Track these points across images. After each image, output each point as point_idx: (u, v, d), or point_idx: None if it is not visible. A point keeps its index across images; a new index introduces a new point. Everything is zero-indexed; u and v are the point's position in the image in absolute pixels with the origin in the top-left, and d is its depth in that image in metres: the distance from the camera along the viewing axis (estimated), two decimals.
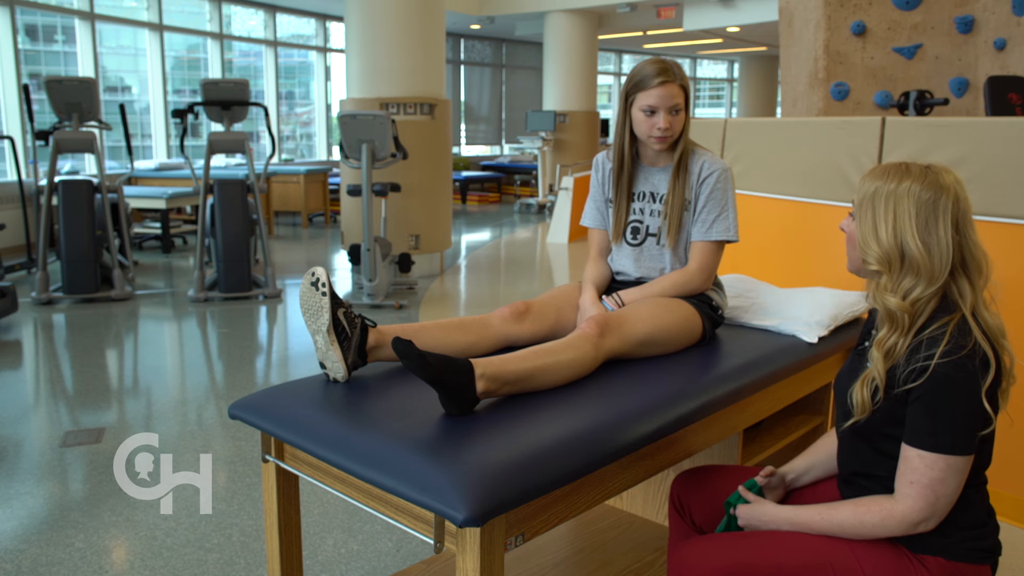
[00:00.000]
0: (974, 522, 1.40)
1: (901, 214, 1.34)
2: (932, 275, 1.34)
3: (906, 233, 1.34)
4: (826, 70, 5.21)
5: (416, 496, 1.28)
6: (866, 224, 1.38)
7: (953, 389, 1.29)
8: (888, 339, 1.36)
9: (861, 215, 1.39)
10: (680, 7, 11.93)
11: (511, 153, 15.64)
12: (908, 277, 1.35)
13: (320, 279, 1.66)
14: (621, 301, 2.06)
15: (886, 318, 1.37)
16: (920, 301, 1.35)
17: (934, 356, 1.30)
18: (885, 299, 1.36)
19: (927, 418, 1.32)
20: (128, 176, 6.90)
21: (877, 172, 1.41)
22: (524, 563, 2.13)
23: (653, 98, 1.99)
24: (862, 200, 1.39)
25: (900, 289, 1.35)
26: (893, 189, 1.35)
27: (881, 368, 1.36)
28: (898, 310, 1.35)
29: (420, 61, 6.62)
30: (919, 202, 1.34)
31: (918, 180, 1.35)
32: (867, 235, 1.38)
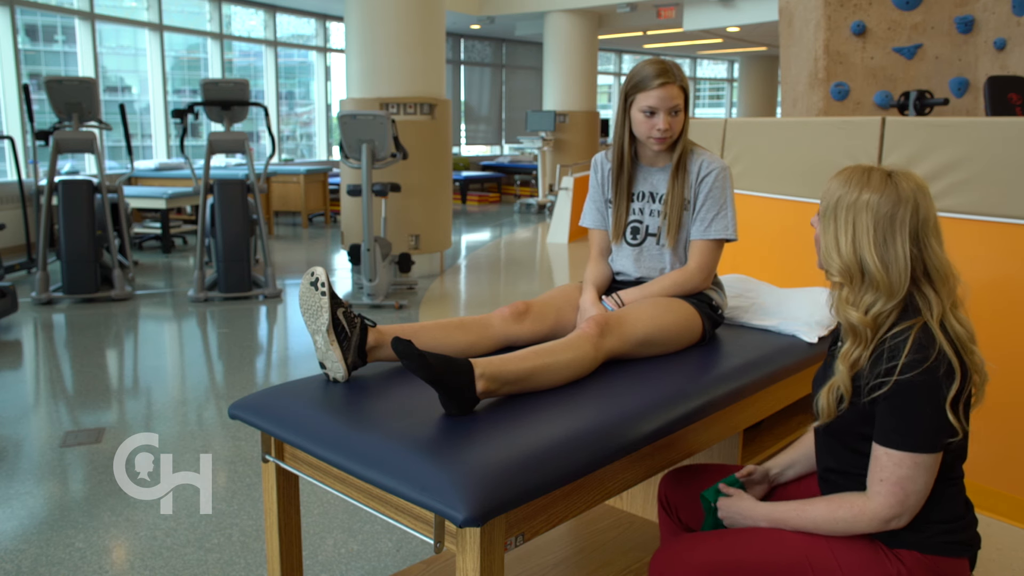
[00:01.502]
0: (949, 516, 1.41)
1: (860, 229, 1.34)
2: (891, 291, 1.35)
3: (864, 249, 1.34)
4: (826, 70, 5.21)
5: (416, 496, 1.28)
6: (828, 234, 1.39)
7: (917, 396, 1.31)
8: (852, 352, 1.37)
9: (824, 223, 1.40)
10: (680, 7, 11.93)
11: (511, 153, 15.65)
12: (869, 293, 1.36)
13: (320, 279, 1.66)
14: (621, 301, 2.06)
15: (849, 331, 1.38)
16: (881, 315, 1.36)
17: (896, 368, 1.31)
18: (847, 312, 1.37)
19: (893, 418, 1.33)
20: (128, 176, 6.90)
21: (841, 178, 1.40)
22: (524, 563, 2.13)
23: (653, 99, 1.99)
24: (826, 208, 1.39)
25: (861, 304, 1.36)
26: (853, 201, 1.35)
27: (846, 380, 1.38)
28: (859, 324, 1.36)
29: (420, 61, 6.62)
30: (877, 216, 1.34)
31: (877, 191, 1.34)
32: (829, 246, 1.38)
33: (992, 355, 2.73)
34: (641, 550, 2.20)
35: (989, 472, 2.68)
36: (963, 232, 2.73)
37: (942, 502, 1.40)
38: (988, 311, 2.68)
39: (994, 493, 2.66)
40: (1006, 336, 2.64)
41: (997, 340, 2.66)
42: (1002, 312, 2.64)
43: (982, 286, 2.68)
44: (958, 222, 2.75)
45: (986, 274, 2.68)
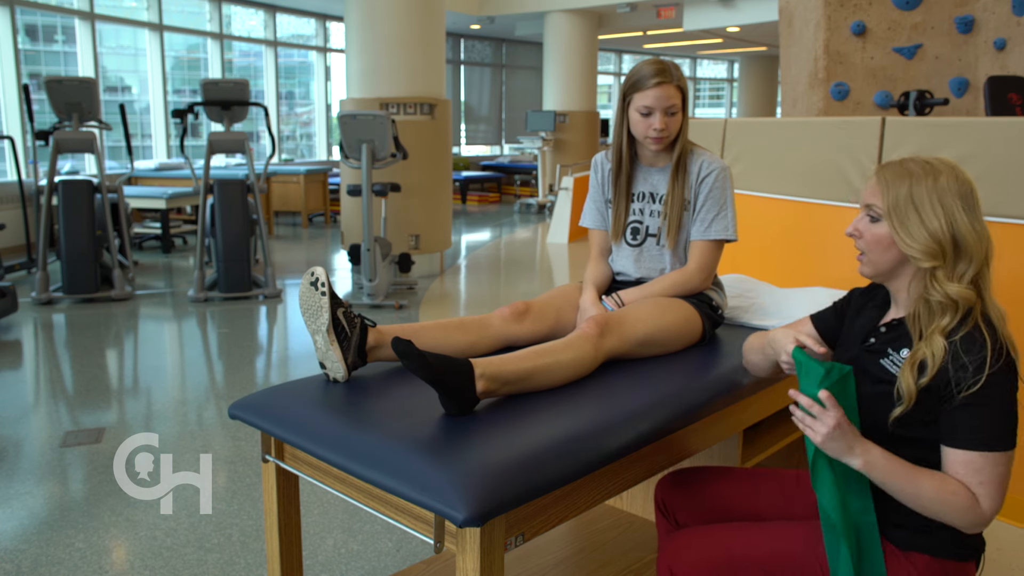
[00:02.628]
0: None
1: (950, 207, 1.36)
2: (985, 256, 1.38)
3: (958, 223, 1.36)
4: (826, 70, 5.21)
5: (416, 496, 1.28)
6: (912, 223, 1.38)
7: (1005, 389, 1.32)
8: (953, 326, 1.36)
9: (900, 217, 1.39)
10: (680, 7, 11.93)
11: (511, 153, 15.65)
12: (962, 262, 1.37)
13: (319, 279, 1.66)
14: (621, 301, 2.06)
15: (947, 308, 1.37)
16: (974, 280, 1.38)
17: (984, 364, 1.31)
18: (947, 288, 1.36)
19: (984, 418, 1.32)
20: (128, 176, 6.90)
21: (896, 174, 1.41)
22: (524, 563, 2.13)
23: (649, 99, 1.99)
24: (896, 204, 1.39)
25: (958, 275, 1.37)
26: (932, 186, 1.37)
27: (940, 349, 1.34)
28: (960, 297, 1.35)
29: (420, 61, 6.62)
30: (961, 194, 1.37)
31: (948, 175, 1.38)
32: (915, 233, 1.37)
33: None
34: (641, 550, 2.20)
35: None
36: None
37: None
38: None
39: None
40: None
41: None
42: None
43: None
44: None
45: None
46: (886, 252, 1.43)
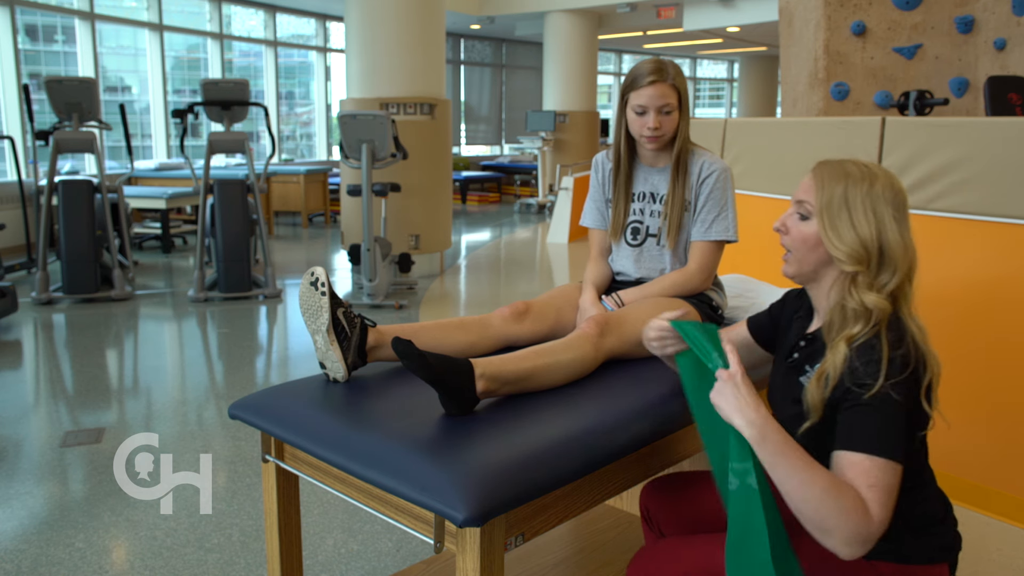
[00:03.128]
0: (926, 522, 1.37)
1: (881, 214, 1.34)
2: (908, 266, 1.34)
3: (888, 231, 1.33)
4: (826, 70, 5.21)
5: (416, 496, 1.28)
6: (841, 225, 1.35)
7: (899, 400, 1.27)
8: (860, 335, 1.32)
9: (831, 217, 1.36)
10: (680, 7, 11.93)
11: (511, 153, 15.64)
12: (885, 272, 1.34)
13: (319, 279, 1.66)
14: (620, 301, 2.06)
15: (860, 316, 1.33)
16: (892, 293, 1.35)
17: (880, 371, 1.27)
18: (865, 296, 1.33)
19: (875, 423, 1.27)
20: (128, 176, 6.90)
21: (830, 174, 1.39)
22: (524, 563, 2.13)
23: (643, 98, 2.00)
24: (829, 204, 1.37)
25: (878, 285, 1.34)
26: (867, 191, 1.35)
27: (839, 363, 1.31)
28: (876, 307, 1.32)
29: (420, 61, 6.62)
30: (895, 202, 1.35)
31: (883, 181, 1.37)
32: (844, 236, 1.35)
33: (992, 355, 2.73)
34: None
35: (989, 472, 2.68)
36: (963, 232, 2.73)
37: (916, 509, 1.37)
38: (988, 311, 2.68)
39: (994, 493, 2.66)
40: (1006, 336, 2.64)
41: (997, 340, 2.66)
42: (1002, 312, 2.64)
43: (982, 286, 2.68)
44: (958, 222, 2.75)
45: (986, 274, 2.68)
46: (812, 252, 1.39)
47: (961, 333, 2.76)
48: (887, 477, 1.24)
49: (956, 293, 2.76)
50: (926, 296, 2.95)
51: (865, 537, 1.21)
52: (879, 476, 1.24)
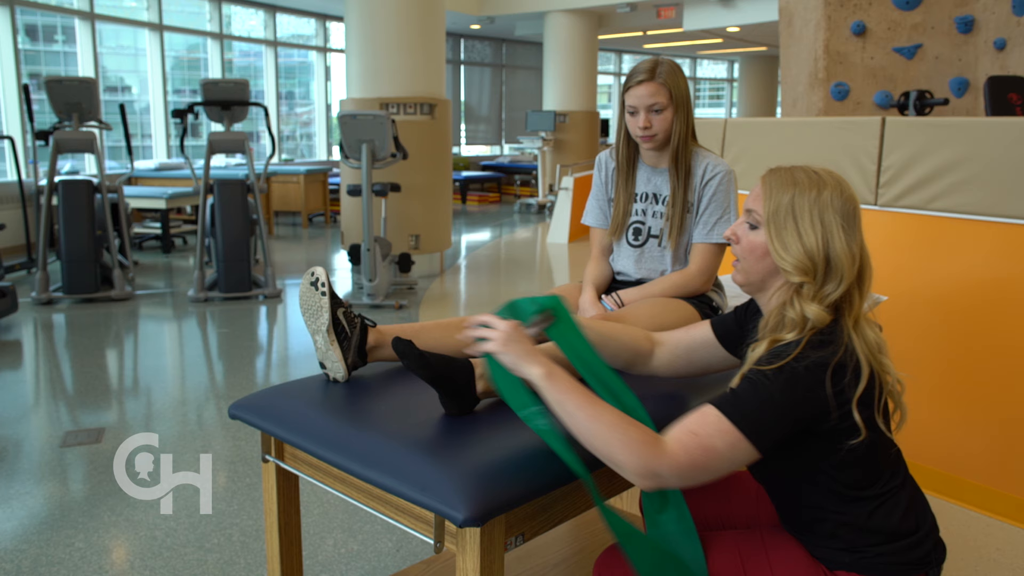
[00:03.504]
0: (893, 534, 1.33)
1: (829, 223, 1.31)
2: (851, 279, 1.31)
3: (835, 241, 1.31)
4: (826, 70, 5.21)
5: (416, 496, 1.28)
6: (787, 235, 1.33)
7: (790, 385, 1.23)
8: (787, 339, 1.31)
9: (778, 226, 1.34)
10: (680, 7, 11.93)
11: (511, 153, 15.65)
12: (829, 284, 1.31)
13: (319, 279, 1.66)
14: (620, 301, 2.06)
15: (796, 325, 1.31)
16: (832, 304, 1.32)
17: (788, 355, 1.25)
18: (807, 308, 1.30)
19: (751, 392, 1.24)
20: (128, 176, 6.90)
21: (779, 181, 1.36)
22: (524, 563, 2.13)
23: (633, 97, 2.01)
24: (776, 212, 1.34)
25: (819, 296, 1.31)
26: (815, 199, 1.32)
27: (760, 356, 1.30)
28: (816, 318, 1.29)
29: (420, 61, 6.62)
30: (843, 211, 1.32)
31: (833, 188, 1.33)
32: (790, 245, 1.32)
33: (991, 355, 2.74)
34: None
35: (989, 472, 2.68)
36: (963, 232, 2.73)
37: (877, 519, 1.33)
38: (988, 311, 2.68)
39: (994, 493, 2.66)
40: (1006, 336, 2.64)
41: (997, 340, 2.66)
42: (1002, 311, 2.64)
43: (982, 286, 2.68)
44: (958, 222, 2.75)
45: (986, 274, 2.68)
46: (760, 261, 1.38)
47: (961, 332, 2.77)
48: (717, 436, 1.22)
49: (956, 292, 2.76)
50: (926, 296, 2.96)
51: (653, 470, 1.21)
52: (709, 430, 1.23)
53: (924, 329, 2.82)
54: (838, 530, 1.34)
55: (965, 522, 2.60)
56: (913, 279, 2.84)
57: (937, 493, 2.76)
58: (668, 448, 1.22)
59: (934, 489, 2.78)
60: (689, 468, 1.22)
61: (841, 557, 1.34)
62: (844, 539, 1.34)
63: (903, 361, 3.03)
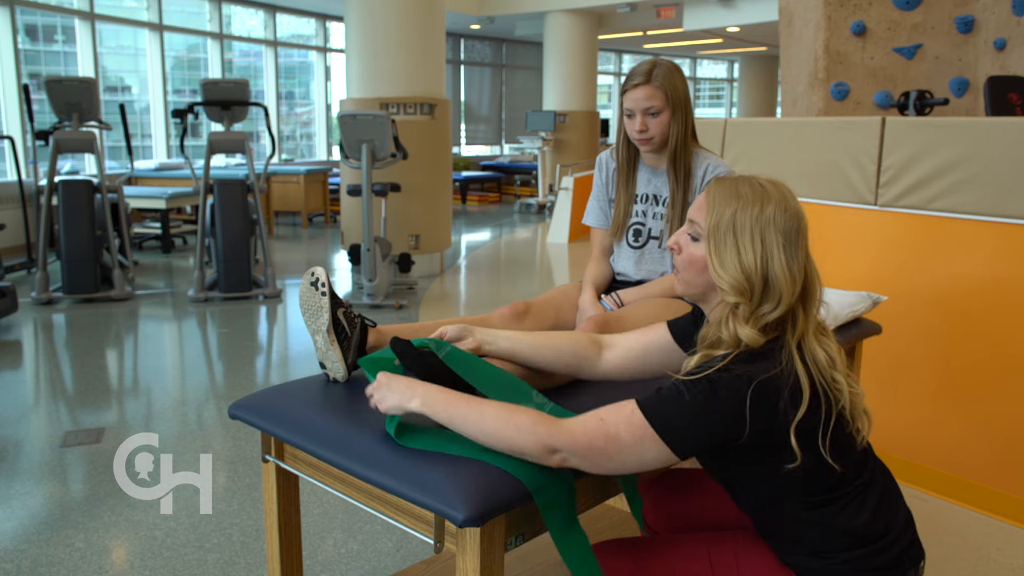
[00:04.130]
0: (860, 537, 1.31)
1: (769, 243, 1.27)
2: (790, 300, 1.27)
3: (774, 262, 1.27)
4: (826, 70, 5.21)
5: (416, 496, 1.28)
6: (726, 252, 1.29)
7: (713, 393, 1.21)
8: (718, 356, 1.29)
9: (718, 242, 1.30)
10: (680, 7, 11.93)
11: (511, 153, 15.64)
12: (767, 304, 1.28)
13: (319, 279, 1.66)
14: (620, 301, 2.06)
15: (730, 345, 1.29)
16: (768, 327, 1.28)
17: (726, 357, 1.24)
18: (741, 330, 1.27)
19: (671, 399, 1.23)
20: (128, 176, 6.90)
21: (724, 193, 1.32)
22: (524, 563, 2.13)
23: (628, 101, 2.01)
24: (717, 226, 1.30)
25: (755, 317, 1.28)
26: (756, 216, 1.28)
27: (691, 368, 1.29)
28: (749, 341, 1.27)
29: (420, 61, 6.62)
30: (785, 229, 1.28)
31: (777, 204, 1.29)
32: (727, 263, 1.29)
33: (991, 355, 2.73)
34: None
35: (989, 472, 2.68)
36: (963, 232, 2.73)
37: (841, 522, 1.31)
38: (988, 311, 2.68)
39: (994, 493, 2.66)
40: (1006, 336, 2.64)
41: (997, 340, 2.66)
42: (1002, 312, 2.64)
43: (982, 286, 2.68)
44: (958, 222, 2.75)
45: (986, 274, 2.68)
46: (699, 275, 1.35)
47: (961, 332, 2.76)
48: (626, 429, 1.22)
49: (956, 293, 2.76)
50: (926, 296, 2.96)
51: (549, 445, 1.22)
52: (618, 419, 1.23)
53: (924, 329, 2.82)
54: (802, 535, 1.32)
55: (965, 522, 2.60)
56: (913, 279, 2.84)
57: (937, 493, 2.76)
58: (566, 427, 1.23)
59: (934, 489, 2.78)
60: (587, 449, 1.22)
61: (809, 563, 1.33)
62: (809, 544, 1.32)
63: (903, 361, 3.03)
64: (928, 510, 2.65)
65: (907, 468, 2.83)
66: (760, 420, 1.21)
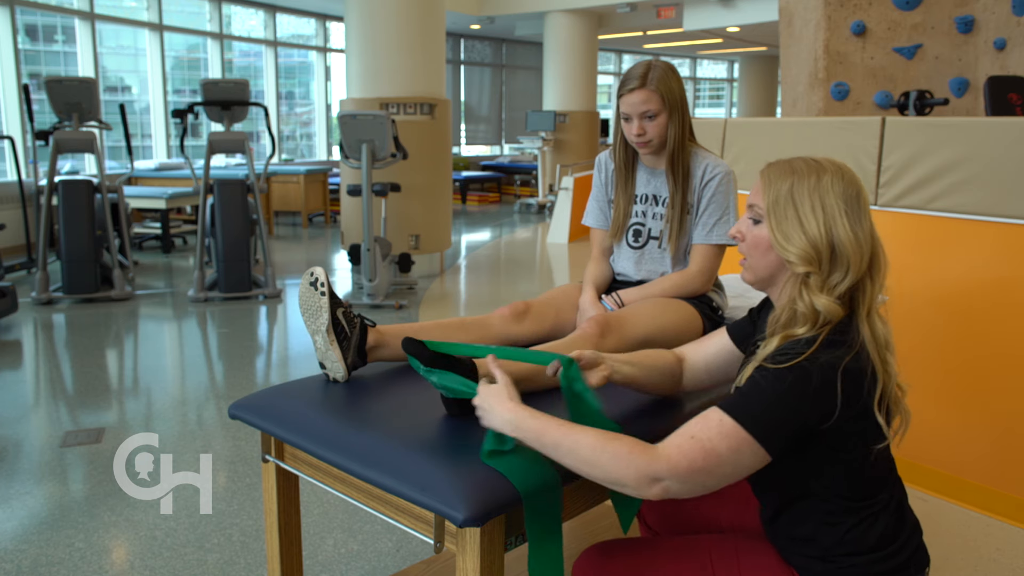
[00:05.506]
0: (871, 547, 1.30)
1: (830, 208, 1.27)
2: (860, 266, 1.27)
3: (837, 227, 1.27)
4: (826, 70, 5.21)
5: (416, 496, 1.28)
6: (789, 224, 1.29)
7: (803, 385, 1.19)
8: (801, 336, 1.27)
9: (779, 216, 1.30)
10: (680, 7, 11.93)
11: (511, 153, 15.64)
12: (837, 272, 1.27)
13: (319, 279, 1.66)
14: (620, 301, 2.06)
15: (808, 319, 1.27)
16: (843, 295, 1.27)
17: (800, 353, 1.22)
18: (816, 300, 1.26)
19: (759, 392, 1.21)
20: (128, 176, 6.90)
21: (779, 172, 1.33)
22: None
23: (625, 105, 2.01)
24: (776, 201, 1.31)
25: (829, 286, 1.27)
26: (815, 185, 1.29)
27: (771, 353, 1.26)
28: (825, 310, 1.25)
29: (420, 61, 6.62)
30: (845, 194, 1.28)
31: (833, 173, 1.30)
32: (791, 234, 1.29)
33: (992, 355, 2.73)
34: None
35: (989, 472, 2.68)
36: (963, 232, 2.73)
37: (859, 532, 1.30)
38: (988, 311, 2.68)
39: (994, 493, 2.66)
40: (1006, 336, 2.64)
41: (997, 340, 2.66)
42: (1002, 312, 2.64)
43: (982, 286, 2.68)
44: (958, 222, 2.75)
45: (986, 274, 2.68)
46: (765, 256, 1.35)
47: (961, 333, 2.76)
48: (719, 440, 1.18)
49: (956, 293, 2.76)
50: (926, 296, 2.96)
51: (650, 475, 1.18)
52: (710, 433, 1.19)
53: (924, 329, 2.82)
54: (820, 536, 1.31)
55: (965, 522, 2.60)
56: (913, 279, 2.84)
57: (937, 493, 2.76)
58: (663, 453, 1.19)
59: (934, 489, 2.77)
60: (688, 471, 1.18)
61: (814, 565, 1.32)
62: (821, 546, 1.31)
63: (903, 361, 3.02)
64: (928, 510, 2.65)
65: (907, 468, 2.83)
66: (850, 405, 1.21)
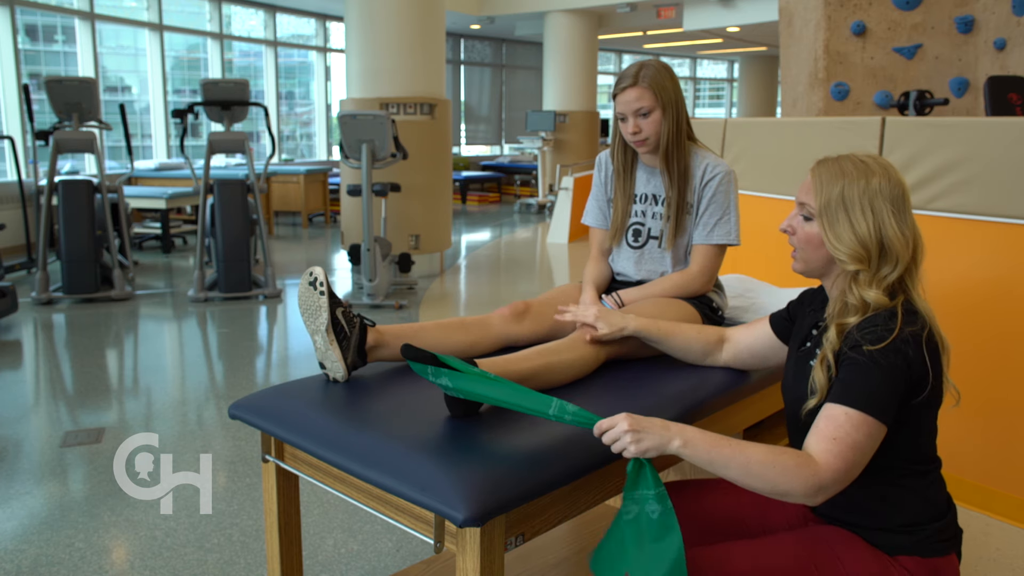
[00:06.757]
0: (938, 513, 1.41)
1: (879, 211, 1.37)
2: (906, 259, 1.38)
3: (886, 227, 1.37)
4: (826, 70, 5.21)
5: (416, 496, 1.28)
6: (840, 225, 1.39)
7: (902, 364, 1.30)
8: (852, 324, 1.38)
9: (831, 217, 1.40)
10: (680, 7, 11.93)
11: (511, 153, 15.64)
12: (885, 267, 1.38)
13: (318, 279, 1.66)
14: (621, 301, 2.06)
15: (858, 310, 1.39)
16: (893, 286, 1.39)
17: (894, 330, 1.32)
18: (866, 294, 1.37)
19: (866, 378, 1.30)
20: (128, 176, 6.90)
21: (834, 173, 1.41)
22: (524, 563, 2.13)
23: (620, 104, 2.02)
24: (828, 203, 1.40)
25: (876, 280, 1.38)
26: (864, 188, 1.38)
27: (835, 341, 1.38)
28: (876, 303, 1.37)
29: (420, 61, 6.62)
30: (892, 197, 1.38)
31: (881, 176, 1.39)
32: (843, 235, 1.39)
33: (991, 354, 2.73)
34: None
35: (989, 472, 2.68)
36: (963, 232, 2.73)
37: (928, 500, 1.40)
38: (988, 311, 2.68)
39: (994, 493, 2.66)
40: (1006, 336, 2.64)
41: (996, 339, 2.66)
42: (1002, 312, 2.64)
43: (982, 286, 2.68)
44: (958, 222, 2.75)
45: (986, 274, 2.68)
46: (817, 251, 1.45)
47: (961, 333, 2.76)
48: (855, 432, 1.28)
49: (956, 293, 2.76)
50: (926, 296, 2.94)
51: (818, 486, 1.26)
52: (847, 429, 1.28)
53: None
54: (904, 503, 1.39)
55: (965, 522, 2.59)
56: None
57: None
58: (821, 461, 1.27)
59: None
60: (847, 471, 1.27)
61: (901, 541, 1.38)
62: (907, 515, 1.38)
63: None
64: None
65: None
66: (935, 373, 1.34)
